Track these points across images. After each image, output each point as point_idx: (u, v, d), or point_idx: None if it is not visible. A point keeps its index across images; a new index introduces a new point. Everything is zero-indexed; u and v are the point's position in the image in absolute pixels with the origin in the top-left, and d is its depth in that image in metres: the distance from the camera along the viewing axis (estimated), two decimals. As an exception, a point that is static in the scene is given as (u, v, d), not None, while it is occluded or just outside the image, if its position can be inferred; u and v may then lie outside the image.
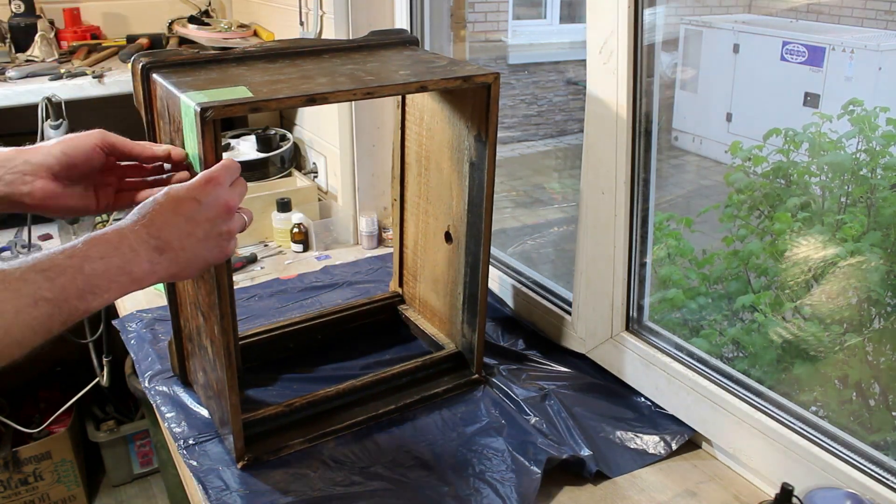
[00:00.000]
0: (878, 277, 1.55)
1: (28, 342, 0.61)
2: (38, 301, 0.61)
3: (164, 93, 0.86)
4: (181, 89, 0.82)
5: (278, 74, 0.90)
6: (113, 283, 0.66)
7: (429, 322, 1.22)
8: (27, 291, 0.61)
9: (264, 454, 0.95)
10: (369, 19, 1.57)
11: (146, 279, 0.69)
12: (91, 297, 0.65)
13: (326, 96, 0.83)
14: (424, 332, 1.20)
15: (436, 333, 1.19)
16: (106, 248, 0.66)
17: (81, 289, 0.64)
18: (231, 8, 2.30)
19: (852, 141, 1.75)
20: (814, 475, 0.85)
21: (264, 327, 1.19)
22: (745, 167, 1.92)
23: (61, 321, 0.63)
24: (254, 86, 0.84)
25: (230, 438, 0.93)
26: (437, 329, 1.19)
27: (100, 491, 2.20)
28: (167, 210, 0.71)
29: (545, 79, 5.41)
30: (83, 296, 0.64)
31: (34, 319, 0.61)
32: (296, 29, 1.74)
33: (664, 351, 1.05)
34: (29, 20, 1.92)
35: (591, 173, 1.09)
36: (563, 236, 3.26)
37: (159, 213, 0.71)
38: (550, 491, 0.92)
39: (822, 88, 2.90)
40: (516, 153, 5.08)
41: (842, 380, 1.59)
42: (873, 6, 3.30)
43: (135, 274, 0.68)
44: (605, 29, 1.00)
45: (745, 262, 1.79)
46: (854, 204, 1.70)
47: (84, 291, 0.64)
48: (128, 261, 0.67)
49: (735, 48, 3.49)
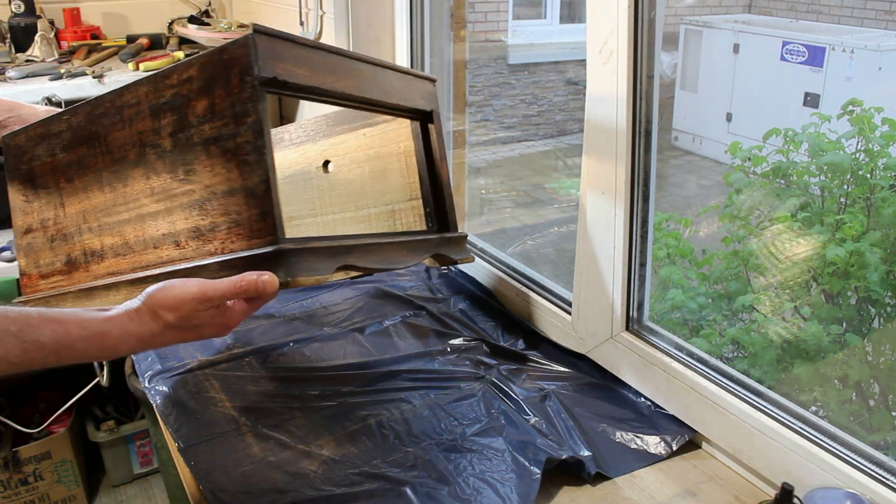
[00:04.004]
0: (878, 277, 1.55)
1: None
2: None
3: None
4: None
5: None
6: (89, 357, 0.72)
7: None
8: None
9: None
10: (369, 19, 1.57)
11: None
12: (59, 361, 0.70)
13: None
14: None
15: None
16: (101, 345, 0.71)
17: (55, 360, 0.70)
18: (231, 8, 2.30)
19: (851, 141, 1.75)
20: (814, 475, 0.85)
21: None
22: (744, 167, 1.93)
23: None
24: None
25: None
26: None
27: (100, 491, 2.20)
28: (174, 327, 0.74)
29: (545, 79, 5.42)
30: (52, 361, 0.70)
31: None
32: (296, 29, 1.75)
33: (664, 351, 1.06)
34: (29, 20, 1.92)
35: (591, 173, 1.09)
36: (563, 236, 3.26)
37: (165, 334, 0.74)
38: (550, 491, 0.92)
39: (822, 88, 2.90)
40: (516, 153, 5.08)
41: (842, 380, 1.59)
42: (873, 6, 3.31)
43: (117, 353, 0.73)
44: (605, 29, 1.00)
45: (745, 262, 1.79)
46: (853, 204, 1.71)
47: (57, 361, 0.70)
48: (114, 350, 0.72)
49: (735, 48, 3.49)
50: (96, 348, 0.71)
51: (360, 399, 1.07)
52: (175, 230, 0.85)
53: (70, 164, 0.95)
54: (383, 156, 1.13)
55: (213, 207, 0.81)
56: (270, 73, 0.78)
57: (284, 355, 1.20)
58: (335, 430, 1.01)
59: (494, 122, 5.37)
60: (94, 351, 0.71)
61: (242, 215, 0.79)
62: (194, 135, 0.82)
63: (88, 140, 0.92)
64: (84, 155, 0.93)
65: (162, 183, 0.85)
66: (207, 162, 0.81)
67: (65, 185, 0.96)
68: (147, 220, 0.88)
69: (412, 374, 1.14)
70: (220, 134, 0.80)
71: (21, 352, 0.66)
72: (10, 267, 1.66)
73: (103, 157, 0.91)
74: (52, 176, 0.97)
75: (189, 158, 0.82)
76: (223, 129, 0.79)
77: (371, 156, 1.14)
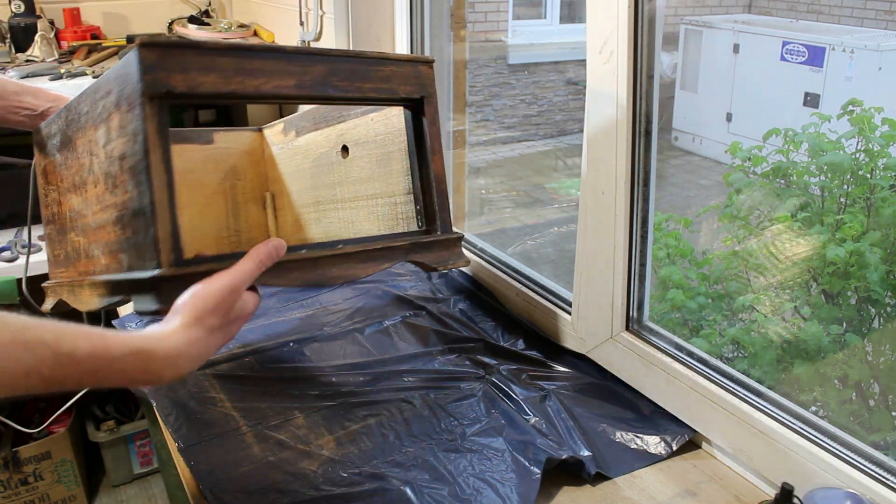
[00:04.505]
0: (878, 277, 1.55)
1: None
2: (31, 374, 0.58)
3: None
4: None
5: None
6: (130, 379, 0.67)
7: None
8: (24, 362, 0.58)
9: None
10: (369, 19, 1.57)
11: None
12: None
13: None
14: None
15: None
16: (145, 366, 0.65)
17: (92, 379, 0.63)
18: (231, 8, 2.30)
19: (851, 141, 1.75)
20: (814, 475, 0.85)
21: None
22: (744, 167, 1.93)
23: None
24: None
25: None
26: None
27: (100, 491, 2.21)
28: (218, 329, 0.71)
29: (545, 79, 5.42)
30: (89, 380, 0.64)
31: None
32: (296, 29, 1.75)
33: (664, 351, 1.06)
34: (29, 20, 1.92)
35: (591, 173, 1.09)
36: (563, 236, 3.26)
37: (209, 342, 0.70)
38: (550, 491, 0.92)
39: (822, 88, 2.91)
40: (516, 153, 5.09)
41: (842, 380, 1.59)
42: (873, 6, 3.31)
43: (161, 376, 0.68)
44: (605, 29, 1.00)
45: (745, 261, 1.79)
46: (853, 204, 1.71)
47: (95, 380, 0.64)
48: (159, 374, 0.67)
49: (735, 48, 3.50)
50: (137, 369, 0.65)
51: (360, 399, 1.07)
52: (108, 240, 0.85)
53: (61, 165, 0.95)
54: (387, 144, 1.08)
55: (125, 224, 0.80)
56: (163, 87, 0.74)
57: (284, 355, 1.20)
58: (335, 430, 1.01)
59: (494, 122, 5.37)
60: (135, 372, 0.65)
61: (139, 235, 0.77)
62: (113, 149, 0.80)
63: (68, 143, 0.93)
64: (66, 157, 0.93)
65: (101, 193, 0.85)
66: (121, 178, 0.79)
67: (60, 183, 0.97)
68: (97, 229, 0.88)
69: (412, 374, 1.14)
70: (124, 151, 0.77)
71: (54, 364, 0.58)
72: (10, 267, 1.66)
73: (76, 162, 0.91)
74: (55, 174, 0.98)
75: (113, 172, 0.81)
76: (125, 146, 0.77)
77: (378, 143, 1.10)
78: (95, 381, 0.63)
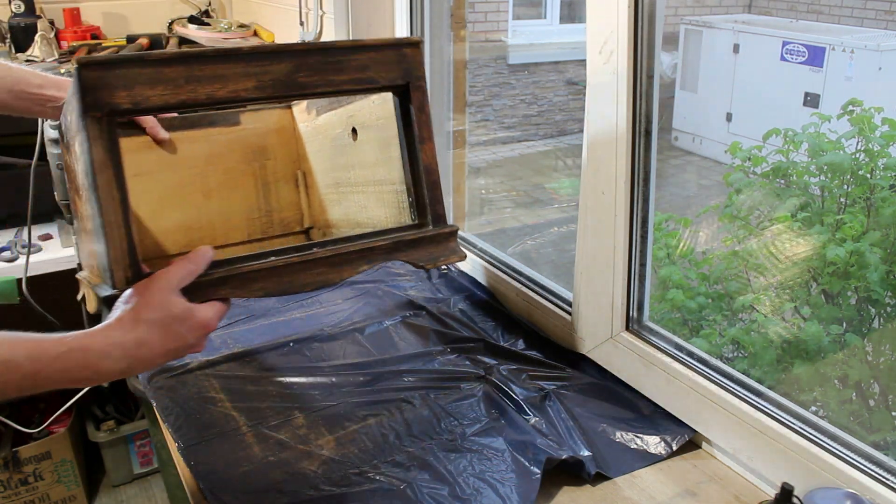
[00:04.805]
0: (878, 277, 1.56)
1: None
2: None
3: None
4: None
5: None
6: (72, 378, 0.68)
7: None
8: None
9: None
10: (369, 19, 1.57)
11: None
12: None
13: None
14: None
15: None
16: (82, 361, 0.67)
17: (31, 384, 0.65)
18: (231, 8, 2.30)
19: (851, 141, 1.75)
20: (814, 475, 0.85)
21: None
22: (744, 167, 1.93)
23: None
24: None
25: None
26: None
27: (100, 491, 2.20)
28: (157, 325, 0.71)
29: (545, 79, 5.42)
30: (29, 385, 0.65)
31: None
32: (296, 29, 1.75)
33: (664, 351, 1.06)
34: (29, 20, 1.92)
35: (591, 173, 1.09)
36: (563, 236, 3.26)
37: (150, 339, 0.70)
38: (550, 491, 0.92)
39: (822, 88, 2.91)
40: (516, 153, 5.09)
41: (842, 380, 1.59)
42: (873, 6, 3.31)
43: (101, 371, 0.68)
44: (605, 29, 1.00)
45: (745, 261, 1.79)
46: (853, 204, 1.71)
47: (34, 385, 0.65)
48: (97, 368, 0.68)
49: (735, 48, 3.50)
50: (77, 365, 0.66)
51: (360, 399, 1.07)
52: (91, 250, 0.84)
53: (69, 163, 0.96)
54: (386, 128, 1.03)
55: (97, 237, 0.79)
56: (105, 106, 0.73)
57: (284, 355, 1.20)
58: (335, 430, 1.01)
59: (494, 122, 5.37)
60: (76, 369, 0.66)
61: (101, 251, 0.76)
62: (79, 163, 0.79)
63: (67, 146, 0.92)
64: (68, 158, 0.93)
65: (83, 203, 0.84)
66: (87, 194, 0.78)
67: (71, 182, 0.97)
68: (85, 236, 0.87)
69: (412, 374, 1.14)
70: (84, 168, 0.77)
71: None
72: (10, 267, 1.66)
73: (74, 165, 0.90)
74: (69, 170, 0.98)
75: (85, 185, 0.80)
76: (83, 164, 0.76)
77: (379, 127, 1.05)
78: (36, 384, 0.64)
